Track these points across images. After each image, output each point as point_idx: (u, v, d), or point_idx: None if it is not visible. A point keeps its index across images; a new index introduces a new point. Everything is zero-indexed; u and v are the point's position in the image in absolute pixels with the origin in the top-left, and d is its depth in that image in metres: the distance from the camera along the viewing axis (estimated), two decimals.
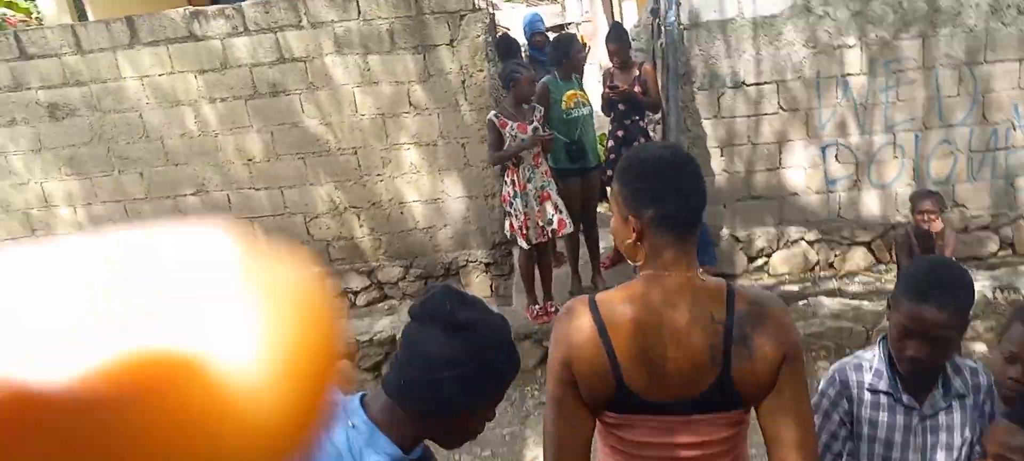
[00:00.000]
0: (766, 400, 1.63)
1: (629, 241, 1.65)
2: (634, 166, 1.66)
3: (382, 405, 1.45)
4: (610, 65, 6.10)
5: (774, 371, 1.60)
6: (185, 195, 6.22)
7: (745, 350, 1.59)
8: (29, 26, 10.41)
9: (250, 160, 6.12)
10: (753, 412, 1.69)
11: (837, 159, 6.02)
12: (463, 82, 5.88)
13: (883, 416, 1.93)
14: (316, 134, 6.03)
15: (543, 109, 5.32)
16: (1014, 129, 5.88)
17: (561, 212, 5.27)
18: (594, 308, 1.65)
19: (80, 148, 6.09)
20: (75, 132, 6.05)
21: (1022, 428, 1.66)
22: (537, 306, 5.49)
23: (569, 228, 5.32)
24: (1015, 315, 2.07)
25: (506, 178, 5.23)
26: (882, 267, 6.12)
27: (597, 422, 1.74)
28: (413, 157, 6.08)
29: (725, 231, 6.21)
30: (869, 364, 1.97)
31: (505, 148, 5.08)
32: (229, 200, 6.23)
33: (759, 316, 1.61)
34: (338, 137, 6.04)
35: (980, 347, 4.91)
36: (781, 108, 5.91)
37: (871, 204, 6.13)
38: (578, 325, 1.64)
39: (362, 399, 1.48)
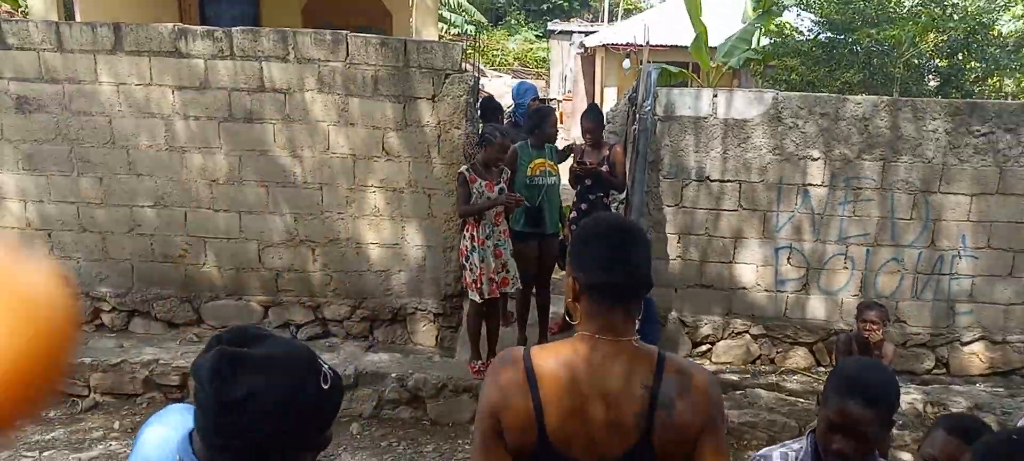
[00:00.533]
0: None
1: (569, 299, 1.71)
2: (587, 229, 1.73)
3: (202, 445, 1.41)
4: (583, 142, 6.24)
5: (694, 438, 1.63)
6: (142, 206, 6.15)
7: (667, 417, 1.62)
8: (14, 18, 10.35)
9: (213, 181, 6.09)
10: None
11: (789, 261, 6.19)
12: (439, 136, 5.96)
13: None
14: (284, 165, 6.04)
15: (509, 172, 5.43)
16: (960, 257, 6.12)
17: (508, 271, 5.36)
18: (527, 359, 1.69)
19: (42, 145, 6.02)
20: (39, 128, 5.98)
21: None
22: (479, 362, 5.49)
23: (510, 287, 5.41)
24: (939, 421, 2.15)
25: (465, 232, 5.29)
26: (821, 369, 6.24)
27: None
28: (378, 200, 6.11)
29: (673, 314, 6.30)
30: (796, 454, 2.02)
31: (472, 203, 5.15)
32: (185, 218, 6.17)
33: (685, 384, 1.64)
34: (305, 171, 6.06)
35: (906, 456, 5.01)
36: (741, 206, 6.08)
37: (817, 308, 6.28)
38: (509, 374, 1.67)
39: (190, 434, 1.42)
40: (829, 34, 11.47)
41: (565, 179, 6.04)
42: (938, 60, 11.20)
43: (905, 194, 6.00)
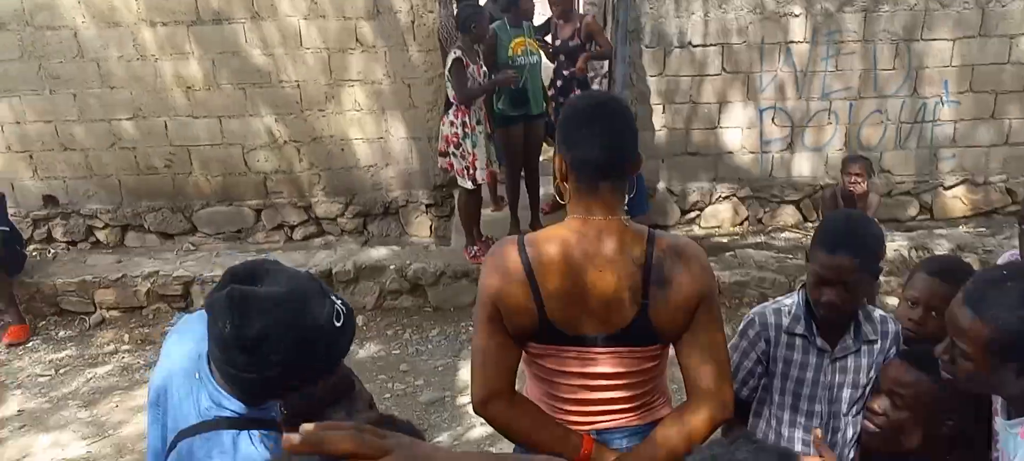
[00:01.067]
0: (683, 336, 1.73)
1: (558, 178, 1.75)
2: (572, 108, 1.75)
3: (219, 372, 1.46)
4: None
5: (690, 310, 1.70)
6: (120, 120, 6.06)
7: (662, 290, 1.68)
8: None
9: (189, 88, 5.98)
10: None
11: (774, 122, 6.20)
12: (413, 22, 5.83)
13: (797, 356, 2.07)
14: (258, 65, 5.92)
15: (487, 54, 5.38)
16: (942, 104, 6.15)
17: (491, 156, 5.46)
18: (522, 247, 1.71)
19: (10, 65, 5.86)
20: (3, 48, 5.81)
21: (912, 367, 1.81)
22: (475, 247, 5.57)
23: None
24: (919, 265, 2.23)
25: (454, 119, 5.24)
26: (809, 225, 6.37)
27: (523, 351, 1.84)
28: (358, 95, 6.03)
29: (661, 184, 6.36)
30: (788, 309, 2.10)
31: (469, 87, 5.11)
32: (166, 127, 6.09)
33: (677, 258, 1.70)
34: (281, 70, 5.94)
35: (893, 301, 5.19)
36: (724, 70, 6.04)
37: (802, 166, 6.35)
38: (506, 263, 1.71)
39: (208, 354, 1.48)
40: None
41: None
42: None
43: (887, 44, 5.96)
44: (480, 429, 3.99)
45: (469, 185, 5.34)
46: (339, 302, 1.44)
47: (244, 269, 1.41)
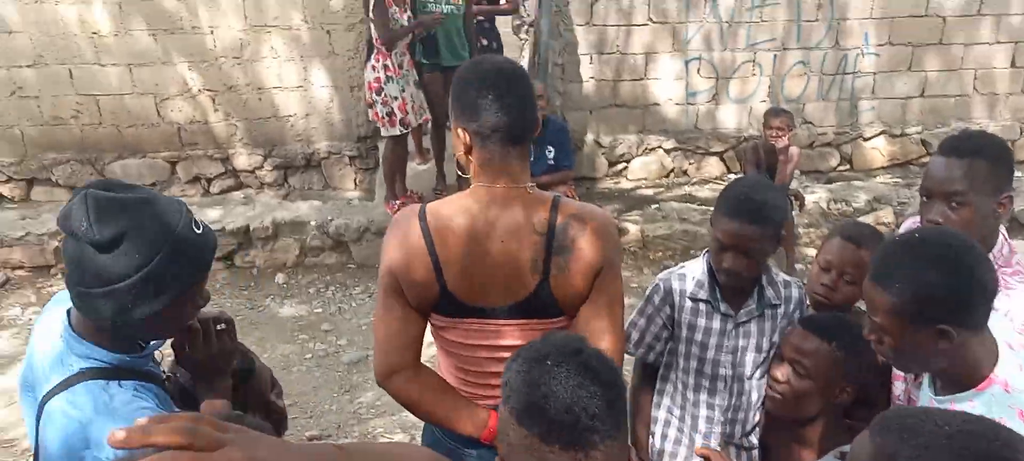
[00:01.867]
0: (582, 307, 1.70)
1: (460, 152, 1.67)
2: (464, 78, 1.65)
3: (76, 314, 1.39)
4: None
5: (590, 280, 1.66)
6: (20, 66, 5.70)
7: (562, 260, 1.64)
8: None
9: (95, 34, 5.66)
10: None
11: (699, 73, 6.22)
12: None
13: (701, 321, 2.07)
14: (169, 10, 5.63)
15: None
16: (863, 55, 6.24)
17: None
18: (422, 217, 1.66)
19: None
20: None
21: (813, 334, 1.82)
22: (396, 201, 5.45)
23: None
24: (835, 230, 2.24)
25: (375, 63, 5.07)
26: (732, 176, 6.45)
27: (428, 324, 1.79)
28: (275, 41, 5.80)
29: (590, 137, 6.34)
30: (692, 275, 2.09)
31: (392, 29, 4.94)
32: (71, 75, 5.77)
33: (580, 227, 1.65)
34: (193, 15, 5.66)
35: (811, 252, 5.32)
36: (651, 20, 6.00)
37: (727, 117, 6.40)
38: (405, 235, 1.65)
39: (69, 311, 1.40)
40: None
41: None
42: None
43: None
44: None
45: (395, 131, 5.20)
46: (197, 218, 1.40)
47: (97, 183, 1.33)
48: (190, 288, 1.38)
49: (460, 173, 1.73)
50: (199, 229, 1.37)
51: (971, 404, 1.45)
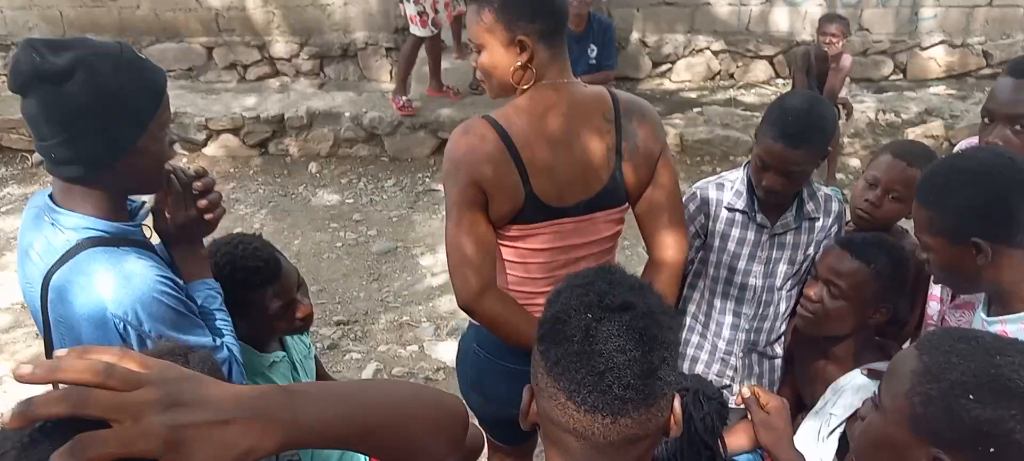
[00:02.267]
0: (646, 191, 1.75)
1: (518, 65, 1.61)
2: None
3: (58, 187, 1.36)
4: None
5: (653, 164, 1.73)
6: None
7: (631, 146, 1.69)
8: None
9: None
10: None
11: None
12: None
13: (735, 231, 2.01)
14: None
15: None
16: None
17: None
18: (496, 126, 1.62)
19: None
20: None
21: (850, 255, 1.76)
22: (404, 98, 5.32)
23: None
24: (887, 147, 2.15)
25: None
26: (780, 81, 6.22)
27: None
28: None
29: (635, 35, 6.13)
30: (731, 184, 2.02)
31: None
32: None
33: (640, 116, 1.71)
34: None
35: (855, 163, 5.16)
36: None
37: (780, 20, 6.12)
38: (483, 144, 1.61)
39: (50, 194, 1.38)
40: None
41: None
42: None
43: None
44: (430, 280, 3.99)
45: (423, 32, 5.06)
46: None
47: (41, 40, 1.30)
48: (156, 114, 1.33)
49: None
50: (148, 61, 1.36)
51: (1020, 326, 1.41)
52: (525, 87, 1.65)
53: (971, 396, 0.98)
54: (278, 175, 5.30)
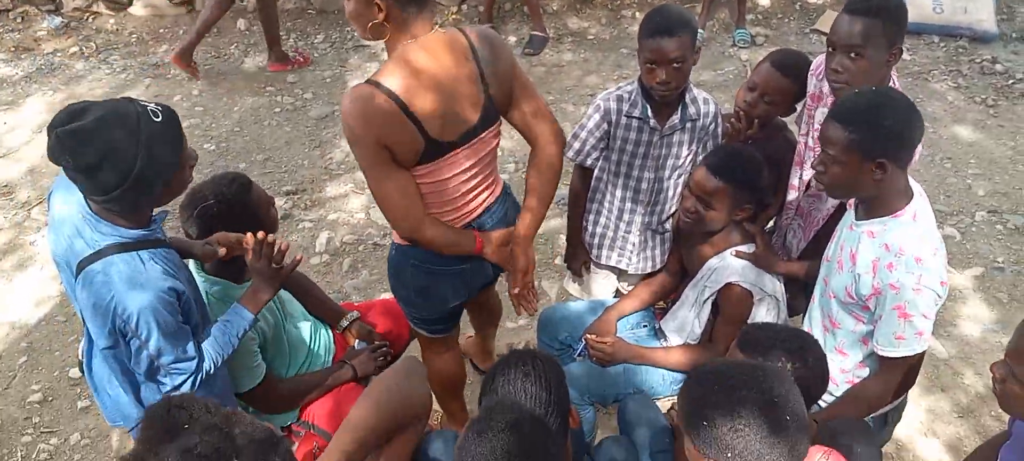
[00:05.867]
0: (514, 102, 2.05)
1: (376, 21, 1.82)
2: None
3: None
4: None
5: (511, 78, 2.01)
6: None
7: (491, 69, 1.94)
8: None
9: None
10: None
11: None
12: None
13: (632, 134, 2.40)
14: None
15: None
16: None
17: None
18: (380, 87, 1.81)
19: None
20: None
21: (712, 174, 2.18)
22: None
23: None
24: (769, 55, 2.52)
25: None
26: None
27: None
28: None
29: None
30: (627, 94, 2.39)
31: None
32: None
33: (490, 44, 1.95)
34: None
35: (764, 1, 5.49)
36: None
37: None
38: (377, 108, 1.80)
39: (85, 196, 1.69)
40: None
41: None
42: None
43: None
44: None
45: None
46: (152, 105, 1.64)
47: (59, 117, 1.58)
48: (178, 163, 1.67)
49: (377, 41, 1.93)
50: (158, 116, 1.62)
51: (884, 226, 1.84)
52: (384, 39, 1.88)
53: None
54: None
